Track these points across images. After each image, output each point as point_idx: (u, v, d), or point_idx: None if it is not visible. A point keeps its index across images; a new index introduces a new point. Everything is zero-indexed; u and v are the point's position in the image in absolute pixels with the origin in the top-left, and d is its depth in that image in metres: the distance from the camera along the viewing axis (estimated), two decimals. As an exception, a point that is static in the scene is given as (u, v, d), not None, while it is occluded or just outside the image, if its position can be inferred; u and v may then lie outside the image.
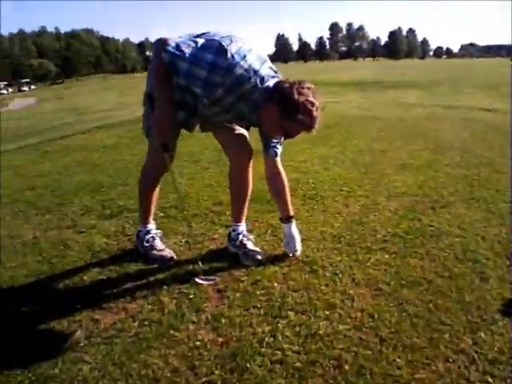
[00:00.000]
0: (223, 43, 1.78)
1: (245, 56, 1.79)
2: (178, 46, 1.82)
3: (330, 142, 4.88)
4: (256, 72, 1.82)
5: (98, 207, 3.28)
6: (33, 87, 64.88)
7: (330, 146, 4.72)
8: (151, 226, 2.42)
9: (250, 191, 2.37)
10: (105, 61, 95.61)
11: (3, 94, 54.55)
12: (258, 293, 1.91)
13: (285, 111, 1.81)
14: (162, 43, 1.86)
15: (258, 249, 2.30)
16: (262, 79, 1.85)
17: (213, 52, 1.78)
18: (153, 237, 2.37)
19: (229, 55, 1.76)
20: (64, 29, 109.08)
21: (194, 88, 1.87)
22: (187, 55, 1.79)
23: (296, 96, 1.77)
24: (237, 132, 2.22)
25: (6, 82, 64.24)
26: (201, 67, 1.78)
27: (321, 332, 1.61)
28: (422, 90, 16.84)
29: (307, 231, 2.54)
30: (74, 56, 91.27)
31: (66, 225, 2.99)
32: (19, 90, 59.70)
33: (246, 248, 2.26)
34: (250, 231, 2.55)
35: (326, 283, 1.96)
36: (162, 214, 3.01)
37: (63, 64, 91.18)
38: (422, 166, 3.76)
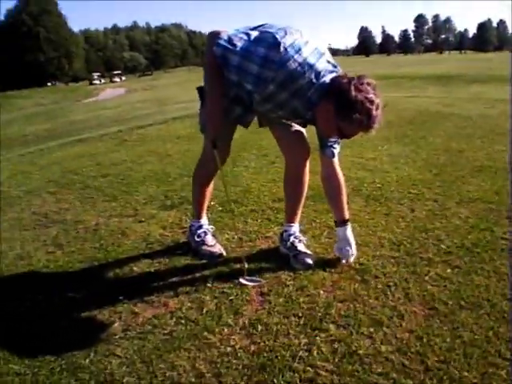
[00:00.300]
0: (277, 36, 1.69)
1: (300, 49, 1.68)
2: (230, 40, 1.75)
3: (403, 140, 4.58)
4: (311, 66, 1.70)
5: (160, 197, 3.36)
6: (123, 78, 68.95)
7: (404, 143, 4.43)
8: (204, 220, 2.40)
9: (305, 192, 2.26)
10: (191, 54, 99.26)
11: (96, 84, 58.68)
12: (301, 300, 1.81)
13: (341, 110, 1.67)
14: (214, 36, 1.81)
15: (309, 252, 2.18)
16: (318, 74, 1.72)
17: (265, 45, 1.69)
18: (205, 232, 2.35)
19: (281, 49, 1.66)
20: (154, 24, 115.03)
21: (245, 83, 1.80)
22: (238, 49, 1.72)
23: (353, 93, 1.63)
24: (293, 129, 2.13)
25: (98, 74, 68.98)
26: (252, 61, 1.70)
27: (360, 352, 1.47)
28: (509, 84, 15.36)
29: (365, 236, 2.37)
30: (162, 49, 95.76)
31: (128, 213, 3.09)
32: (111, 81, 63.80)
33: (297, 250, 2.15)
34: (304, 232, 2.45)
35: (376, 296, 1.80)
36: (220, 208, 3.00)
37: (152, 57, 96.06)
38: (502, 170, 3.37)
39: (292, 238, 2.21)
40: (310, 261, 2.09)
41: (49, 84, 56.11)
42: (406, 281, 1.90)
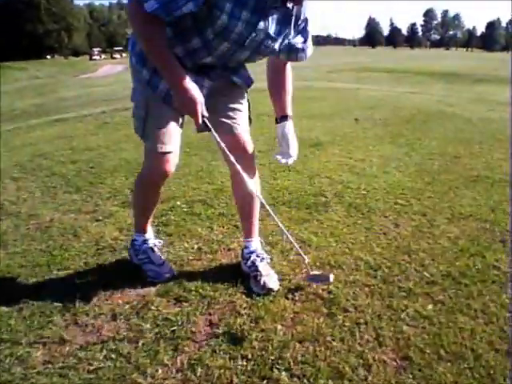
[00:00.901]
0: None
1: None
2: None
3: (397, 140, 4.28)
4: None
5: (125, 191, 3.08)
6: (124, 55, 67.83)
7: (397, 144, 4.13)
8: (149, 234, 2.07)
9: (257, 200, 1.93)
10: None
11: (96, 59, 57.66)
12: (253, 336, 1.54)
13: None
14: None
15: (272, 272, 1.90)
16: None
17: None
18: (151, 248, 2.01)
19: None
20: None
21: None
22: None
23: None
24: (237, 136, 1.84)
25: (99, 49, 67.80)
26: None
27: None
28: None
29: (340, 255, 2.10)
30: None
31: (87, 209, 2.82)
32: (111, 57, 62.70)
33: (258, 271, 1.86)
34: (271, 244, 2.18)
35: (342, 337, 1.53)
36: (185, 209, 2.72)
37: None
38: (499, 182, 3.08)
39: (253, 257, 1.92)
40: (271, 284, 1.81)
41: (48, 57, 55.11)
42: (379, 318, 1.63)
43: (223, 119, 1.78)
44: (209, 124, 1.60)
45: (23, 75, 26.78)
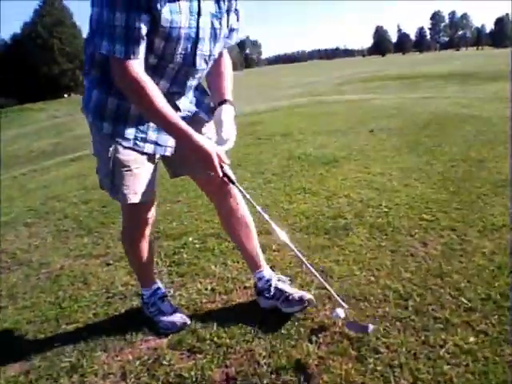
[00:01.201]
0: None
1: None
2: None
3: (416, 149, 4.07)
4: None
5: (137, 230, 2.97)
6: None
7: (417, 153, 3.93)
8: (156, 285, 1.93)
9: (252, 225, 1.84)
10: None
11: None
12: (275, 390, 1.38)
13: None
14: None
15: (300, 291, 1.78)
16: None
17: None
18: (160, 298, 1.88)
19: None
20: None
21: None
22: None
23: None
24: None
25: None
26: None
27: None
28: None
29: (365, 285, 1.92)
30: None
31: (98, 252, 2.74)
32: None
33: (287, 292, 1.75)
34: (290, 278, 2.02)
35: (375, 384, 1.36)
36: (198, 245, 2.59)
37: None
38: (531, 185, 2.87)
39: (273, 282, 1.79)
40: (308, 295, 1.72)
41: (65, 96, 56.69)
42: (415, 357, 1.44)
43: None
44: (231, 174, 1.53)
45: (42, 116, 27.45)
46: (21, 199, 4.58)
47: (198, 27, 1.41)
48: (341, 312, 1.64)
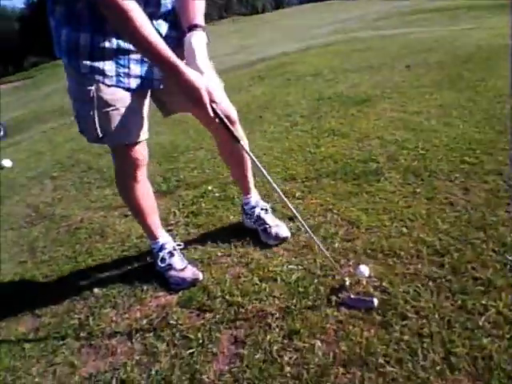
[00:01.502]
0: None
1: None
2: None
3: (458, 84, 3.61)
4: None
5: (158, 179, 2.87)
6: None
7: (457, 89, 3.48)
8: (164, 238, 1.81)
9: (248, 158, 1.77)
10: (235, 3, 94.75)
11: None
12: (285, 359, 1.23)
13: None
14: None
15: (280, 222, 1.88)
16: None
17: None
18: (170, 252, 1.76)
19: None
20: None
21: None
22: None
23: None
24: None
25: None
26: None
27: None
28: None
29: (395, 237, 1.69)
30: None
31: (116, 204, 2.65)
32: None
33: (266, 223, 1.85)
34: (313, 228, 1.82)
35: (399, 357, 1.16)
36: (218, 194, 2.45)
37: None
38: None
39: (257, 210, 1.91)
40: (283, 233, 1.83)
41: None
42: (449, 326, 1.23)
43: None
44: (219, 112, 1.36)
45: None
46: (48, 153, 4.59)
47: None
48: (365, 269, 1.45)
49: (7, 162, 4.45)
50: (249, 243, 1.88)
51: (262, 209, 1.91)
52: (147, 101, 1.57)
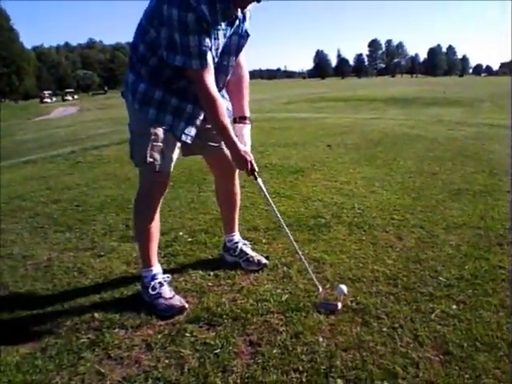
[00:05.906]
0: None
1: None
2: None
3: (374, 162, 4.48)
4: None
5: (121, 226, 3.03)
6: (76, 97, 66.87)
7: (375, 166, 4.32)
8: (157, 268, 2.05)
9: (239, 200, 2.37)
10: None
11: (47, 102, 56.49)
12: (298, 350, 1.56)
13: None
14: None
15: (258, 254, 2.30)
16: None
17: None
18: (160, 282, 1.98)
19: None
20: (109, 42, 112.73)
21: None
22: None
23: None
24: (224, 153, 2.10)
25: (50, 92, 66.58)
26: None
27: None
28: (464, 107, 16.11)
29: (356, 269, 2.17)
30: (118, 68, 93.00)
31: (85, 246, 2.74)
32: (63, 100, 61.62)
33: (248, 254, 2.27)
34: (286, 265, 2.22)
35: (383, 341, 1.59)
36: (189, 239, 2.71)
37: (107, 75, 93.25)
38: (480, 193, 3.32)
39: (240, 245, 2.31)
40: (263, 260, 2.25)
41: (2, 100, 53.45)
42: (412, 321, 1.70)
43: (211, 143, 2.11)
44: (257, 176, 1.95)
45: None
46: (-22, 200, 4.38)
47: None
48: (344, 288, 1.86)
49: None
50: (234, 275, 2.18)
51: (244, 244, 2.34)
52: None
